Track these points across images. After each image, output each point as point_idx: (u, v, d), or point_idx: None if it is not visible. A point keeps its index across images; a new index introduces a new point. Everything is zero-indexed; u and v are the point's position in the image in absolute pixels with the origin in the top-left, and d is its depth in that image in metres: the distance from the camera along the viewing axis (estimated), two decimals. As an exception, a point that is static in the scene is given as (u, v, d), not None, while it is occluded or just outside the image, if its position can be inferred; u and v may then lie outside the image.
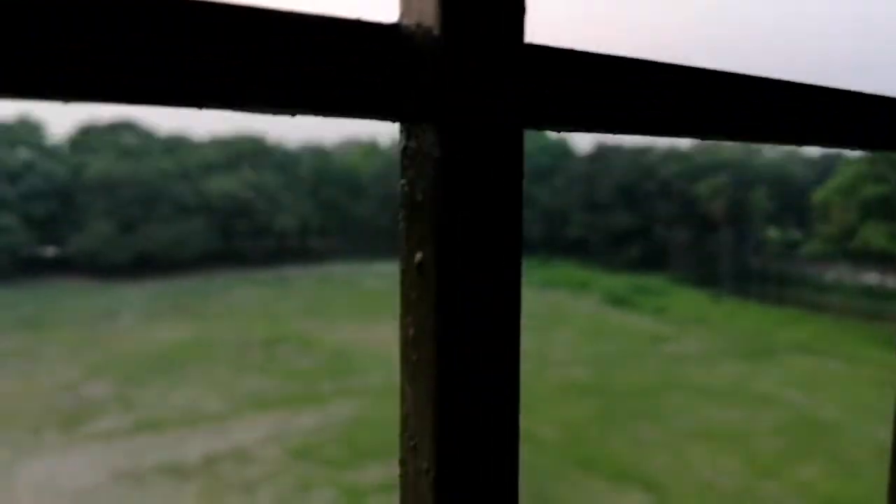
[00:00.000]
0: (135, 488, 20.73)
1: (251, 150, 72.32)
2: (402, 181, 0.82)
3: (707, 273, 61.87)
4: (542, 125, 0.84)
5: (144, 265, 61.06)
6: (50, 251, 67.15)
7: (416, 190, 0.79)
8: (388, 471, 22.09)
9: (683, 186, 67.34)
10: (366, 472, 21.99)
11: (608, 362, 34.92)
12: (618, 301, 50.05)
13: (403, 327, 0.81)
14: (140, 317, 44.56)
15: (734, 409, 28.44)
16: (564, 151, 79.29)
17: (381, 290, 55.41)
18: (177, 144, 73.49)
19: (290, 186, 70.44)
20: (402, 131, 0.79)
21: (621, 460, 22.82)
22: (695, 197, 65.50)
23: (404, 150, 0.80)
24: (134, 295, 52.18)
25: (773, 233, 57.93)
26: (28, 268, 60.34)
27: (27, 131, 65.81)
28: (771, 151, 74.08)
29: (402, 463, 0.87)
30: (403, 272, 0.81)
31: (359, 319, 44.35)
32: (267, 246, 70.26)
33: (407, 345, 0.81)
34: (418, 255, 0.79)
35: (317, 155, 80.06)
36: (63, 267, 62.83)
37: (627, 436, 25.04)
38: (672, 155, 71.71)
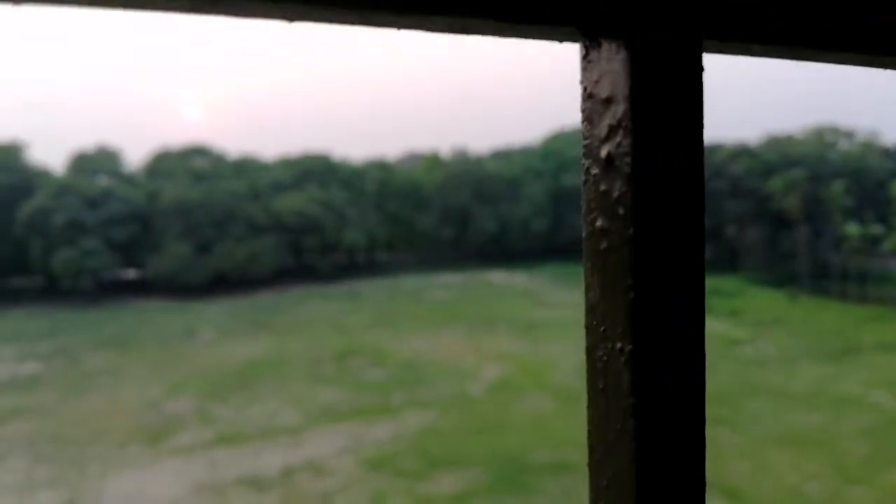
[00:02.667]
0: (216, 500, 21.39)
1: (318, 168, 73.97)
2: (585, 83, 0.84)
3: (783, 272, 59.75)
4: (724, 37, 0.86)
5: (220, 284, 63.10)
6: (130, 273, 70.19)
7: (600, 90, 0.80)
8: (461, 481, 22.14)
9: (755, 184, 65.36)
10: (439, 483, 22.08)
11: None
12: (690, 304, 48.82)
13: (589, 221, 0.84)
14: (217, 334, 46.04)
15: (817, 412, 27.35)
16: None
17: (446, 301, 55.70)
18: (246, 166, 75.81)
19: (355, 202, 71.67)
20: (584, 44, 0.82)
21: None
22: (767, 194, 63.47)
23: (586, 57, 0.83)
24: (211, 313, 53.98)
25: (852, 228, 55.46)
26: (111, 290, 63.20)
27: (105, 159, 69.08)
28: (847, 143, 71.18)
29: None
30: (588, 170, 0.85)
31: (426, 331, 44.69)
32: (336, 260, 71.64)
33: (593, 237, 0.83)
34: (605, 149, 0.78)
35: (381, 169, 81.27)
36: (143, 288, 65.52)
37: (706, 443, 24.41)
38: (742, 152, 69.71)
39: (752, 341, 39.08)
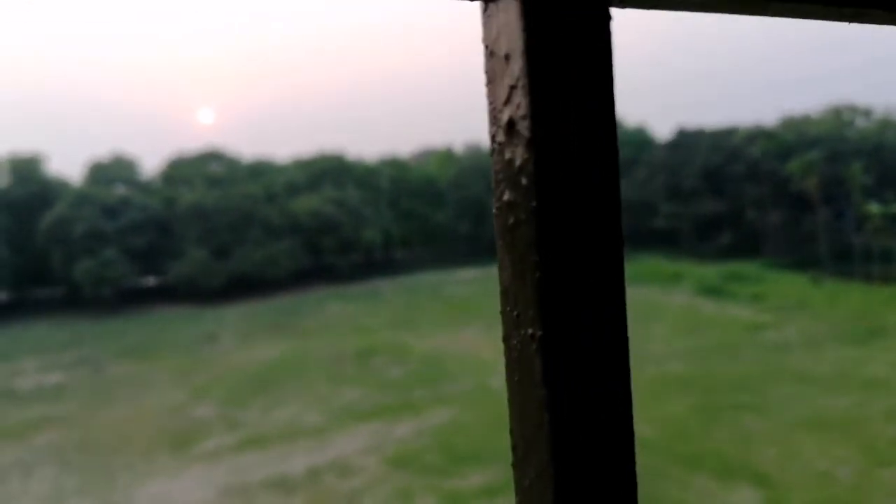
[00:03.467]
0: (244, 503, 21.51)
1: (332, 168, 74.19)
2: (484, 42, 0.76)
3: (805, 255, 58.99)
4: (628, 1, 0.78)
5: (239, 287, 63.48)
6: (150, 280, 70.82)
7: (499, 47, 0.73)
8: (487, 476, 22.07)
9: (773, 166, 64.56)
10: (465, 479, 22.04)
11: (706, 355, 33.81)
12: (711, 291, 48.41)
13: (499, 195, 0.71)
14: (239, 338, 46.32)
15: (844, 396, 26.95)
16: (644, 141, 77.32)
17: (464, 297, 55.64)
18: (261, 169, 76.19)
19: (371, 200, 71.79)
20: (483, 8, 0.75)
21: (727, 455, 22.00)
22: (786, 176, 62.63)
23: (487, 19, 0.75)
24: (231, 317, 54.32)
25: (873, 207, 54.61)
26: (131, 298, 63.77)
27: (121, 168, 69.69)
28: (864, 121, 70.11)
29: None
30: (493, 135, 0.73)
31: (447, 327, 44.66)
32: (354, 260, 71.82)
33: (503, 211, 0.71)
34: (506, 112, 0.72)
35: (394, 167, 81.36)
36: (163, 295, 66.06)
37: (732, 429, 24.12)
38: (758, 134, 68.90)
39: (775, 326, 38.64)
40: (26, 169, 66.62)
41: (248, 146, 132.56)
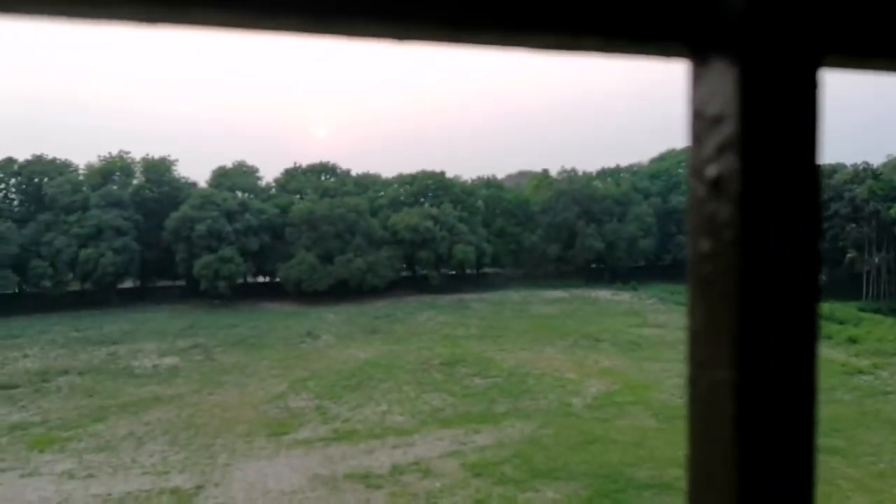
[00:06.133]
0: (331, 493, 21.92)
1: (432, 186, 75.22)
2: (691, 103, 0.77)
3: (908, 301, 54.91)
4: (842, 56, 0.77)
5: (340, 291, 65.15)
6: (261, 279, 73.72)
7: (708, 108, 0.74)
8: (562, 493, 21.60)
9: (878, 208, 60.60)
10: (540, 493, 21.64)
11: (794, 393, 31.91)
12: (804, 329, 45.69)
13: (694, 246, 0.73)
14: (337, 337, 47.47)
15: (946, 449, 24.81)
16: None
17: (551, 316, 54.91)
18: (367, 183, 78.20)
19: (467, 218, 72.18)
20: (692, 61, 0.76)
21: (811, 497, 20.65)
22: (892, 219, 58.61)
23: (695, 75, 0.75)
24: (331, 317, 55.76)
25: None
26: (244, 293, 66.59)
27: (242, 175, 73.17)
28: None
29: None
30: (693, 193, 0.74)
31: (531, 344, 44.18)
32: (446, 273, 72.34)
33: (698, 261, 0.73)
34: (712, 169, 0.73)
35: (491, 187, 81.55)
36: (272, 292, 68.62)
37: (818, 473, 22.61)
38: (864, 174, 64.84)
39: (872, 371, 36.08)
40: (158, 170, 70.97)
41: (356, 161, 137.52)
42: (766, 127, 0.71)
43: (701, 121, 0.75)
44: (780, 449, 0.73)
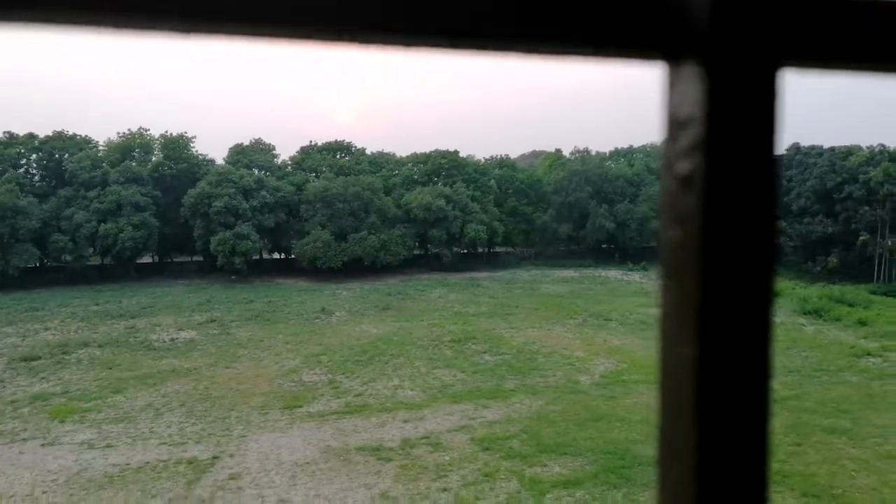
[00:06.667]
0: (343, 465, 22.24)
1: (446, 165, 75.00)
2: (666, 105, 0.85)
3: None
4: (801, 62, 0.83)
5: (354, 268, 65.41)
6: (276, 255, 74.15)
7: (680, 111, 0.82)
8: (568, 468, 21.80)
9: (892, 190, 59.76)
10: (547, 468, 21.85)
11: (803, 375, 31.86)
12: (812, 312, 45.46)
13: (665, 234, 0.82)
14: (350, 314, 47.78)
15: (952, 431, 24.71)
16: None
17: (561, 295, 54.91)
18: (381, 162, 78.09)
19: (479, 197, 72.00)
20: (668, 66, 0.83)
21: (816, 478, 20.70)
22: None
23: (670, 81, 0.83)
24: (345, 294, 56.08)
25: None
26: (259, 269, 67.05)
27: (259, 153, 73.30)
28: None
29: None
30: (664, 185, 0.83)
31: (541, 322, 44.27)
32: (459, 252, 72.37)
33: (668, 249, 0.82)
34: (682, 167, 0.81)
35: (503, 166, 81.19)
36: (287, 269, 69.04)
37: (823, 452, 22.65)
38: (878, 156, 63.89)
39: (881, 353, 35.87)
40: (176, 147, 71.21)
41: (374, 145, 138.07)
42: (729, 128, 0.78)
43: (673, 123, 0.82)
44: (738, 423, 0.79)
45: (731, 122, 0.78)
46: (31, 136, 67.53)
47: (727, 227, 0.79)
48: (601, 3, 0.76)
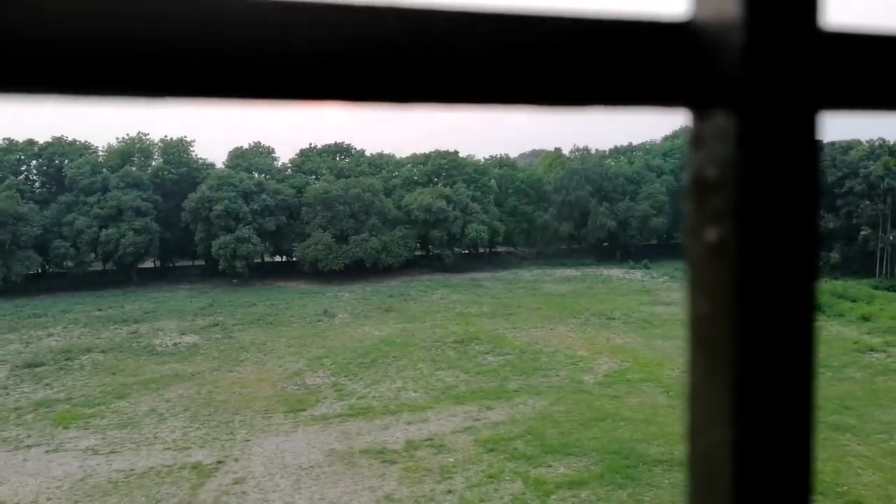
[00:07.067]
0: (347, 468, 22.18)
1: (445, 165, 74.91)
2: (692, 164, 0.77)
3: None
4: (838, 107, 0.77)
5: (355, 270, 65.37)
6: (278, 259, 74.09)
7: (708, 171, 0.75)
8: (573, 468, 21.73)
9: (893, 184, 59.64)
10: (551, 469, 21.78)
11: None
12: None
13: (693, 306, 0.72)
14: (352, 316, 47.73)
15: (957, 426, 24.63)
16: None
17: (563, 294, 54.83)
18: (381, 163, 78.01)
19: (479, 197, 71.91)
20: (695, 118, 0.76)
21: (821, 475, 20.59)
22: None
23: (696, 136, 0.76)
24: (347, 296, 56.03)
25: None
26: (261, 273, 67.01)
27: (259, 156, 73.24)
28: None
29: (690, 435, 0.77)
30: (691, 253, 0.73)
31: (543, 322, 44.19)
32: (460, 252, 72.31)
33: (697, 322, 0.73)
34: (711, 234, 0.73)
35: (503, 166, 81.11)
36: (289, 272, 68.99)
37: (827, 449, 22.56)
38: (880, 150, 63.73)
39: (884, 349, 35.78)
40: (176, 151, 71.16)
41: (372, 146, 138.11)
42: (765, 186, 0.71)
43: (700, 184, 0.75)
44: (778, 436, 0.73)
45: (767, 178, 0.70)
46: (31, 142, 67.52)
47: (764, 299, 0.71)
48: (621, 55, 0.70)
